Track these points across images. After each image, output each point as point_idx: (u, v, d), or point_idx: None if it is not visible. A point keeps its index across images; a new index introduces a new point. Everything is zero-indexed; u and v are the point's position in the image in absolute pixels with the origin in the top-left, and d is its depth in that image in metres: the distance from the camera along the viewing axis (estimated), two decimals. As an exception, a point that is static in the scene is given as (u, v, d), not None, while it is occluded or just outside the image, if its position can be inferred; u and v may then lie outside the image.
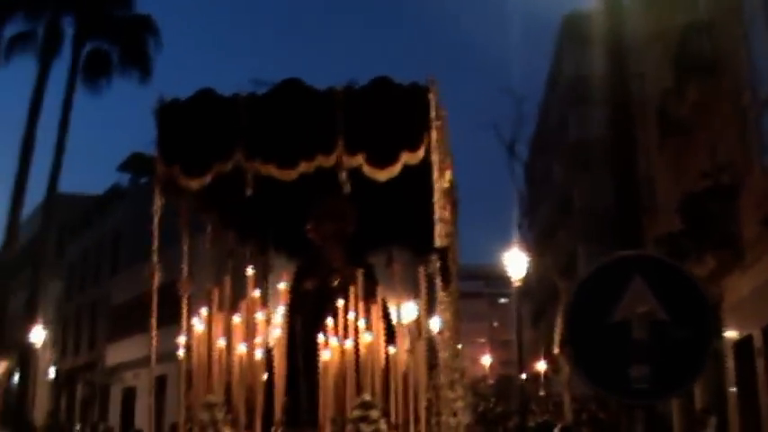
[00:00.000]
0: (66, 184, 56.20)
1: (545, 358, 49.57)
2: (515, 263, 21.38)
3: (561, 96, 47.59)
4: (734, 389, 18.12)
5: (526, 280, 22.36)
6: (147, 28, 36.93)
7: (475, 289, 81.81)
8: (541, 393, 45.32)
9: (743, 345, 16.97)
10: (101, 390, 45.18)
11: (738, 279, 15.43)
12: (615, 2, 8.72)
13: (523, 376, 31.62)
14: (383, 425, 6.41)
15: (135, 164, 45.61)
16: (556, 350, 41.25)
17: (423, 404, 6.72)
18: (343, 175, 6.66)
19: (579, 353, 5.88)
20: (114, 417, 41.54)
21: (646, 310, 5.55)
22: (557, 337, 40.82)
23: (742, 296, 16.70)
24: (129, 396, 40.26)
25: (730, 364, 17.82)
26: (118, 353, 41.45)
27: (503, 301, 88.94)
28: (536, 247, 37.01)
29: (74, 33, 35.86)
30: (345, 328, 6.84)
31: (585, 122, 42.63)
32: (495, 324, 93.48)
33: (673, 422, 19.94)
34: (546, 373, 49.90)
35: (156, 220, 7.11)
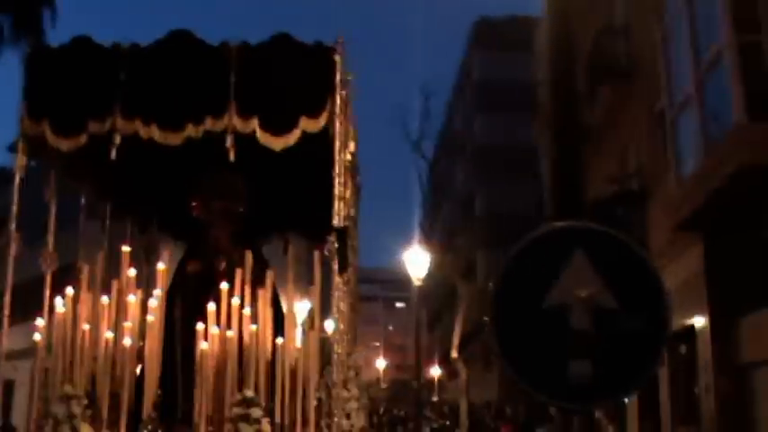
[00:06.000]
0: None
1: (440, 364, 49.35)
2: (417, 261, 20.72)
3: (468, 100, 47.51)
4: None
5: (425, 282, 21.72)
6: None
7: (371, 292, 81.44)
8: (434, 399, 44.95)
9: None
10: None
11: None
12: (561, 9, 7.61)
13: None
14: (266, 425, 5.66)
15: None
16: (454, 355, 40.96)
17: (312, 403, 5.98)
18: (230, 140, 5.87)
19: (506, 344, 4.66)
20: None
21: (588, 293, 4.54)
22: (455, 342, 40.52)
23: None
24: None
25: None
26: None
27: (399, 305, 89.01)
28: (436, 250, 36.61)
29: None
30: (228, 315, 6.06)
31: (490, 128, 42.64)
32: (391, 328, 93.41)
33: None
34: (440, 378, 49.65)
35: (16, 182, 6.24)
